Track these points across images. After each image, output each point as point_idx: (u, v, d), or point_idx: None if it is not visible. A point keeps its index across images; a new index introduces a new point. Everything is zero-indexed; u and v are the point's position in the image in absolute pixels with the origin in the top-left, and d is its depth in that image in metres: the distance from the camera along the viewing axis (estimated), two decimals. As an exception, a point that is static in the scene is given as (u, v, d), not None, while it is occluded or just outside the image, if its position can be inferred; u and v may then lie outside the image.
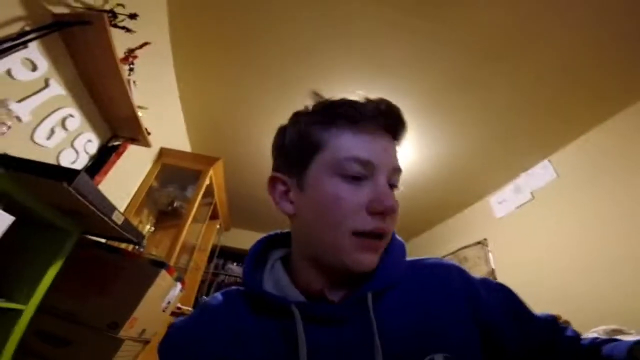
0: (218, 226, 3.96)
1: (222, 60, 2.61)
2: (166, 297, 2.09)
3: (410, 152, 3.35)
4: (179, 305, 3.03)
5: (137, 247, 2.26)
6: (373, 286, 0.44)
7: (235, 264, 5.87)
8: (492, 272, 3.76)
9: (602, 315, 2.36)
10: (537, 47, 2.22)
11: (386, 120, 0.46)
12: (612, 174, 2.79)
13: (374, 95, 0.47)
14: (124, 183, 2.38)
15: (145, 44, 1.95)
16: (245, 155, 3.62)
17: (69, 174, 1.00)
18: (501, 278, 3.66)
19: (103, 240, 1.73)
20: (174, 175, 2.91)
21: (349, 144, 0.44)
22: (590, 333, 2.07)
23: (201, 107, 3.08)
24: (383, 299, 0.44)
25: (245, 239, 5.49)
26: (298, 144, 0.49)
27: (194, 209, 2.79)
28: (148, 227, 2.92)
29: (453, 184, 3.81)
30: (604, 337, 0.48)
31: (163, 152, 2.78)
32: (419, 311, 0.44)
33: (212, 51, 2.55)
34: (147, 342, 1.79)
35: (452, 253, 4.40)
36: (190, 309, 3.29)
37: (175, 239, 2.60)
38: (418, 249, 4.87)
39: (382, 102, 0.46)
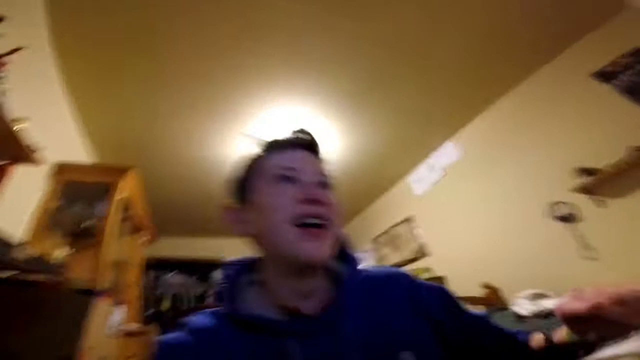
0: (144, 238, 3.71)
1: (120, 59, 2.35)
2: (109, 323, 1.98)
3: (336, 143, 3.47)
4: (132, 326, 2.82)
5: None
6: (349, 294, 0.52)
7: (170, 274, 5.56)
8: (422, 246, 4.06)
9: (524, 279, 2.67)
10: (439, 40, 2.45)
11: (303, 142, 0.58)
12: (505, 148, 3.17)
13: (296, 127, 0.61)
14: (20, 210, 2.10)
15: (17, 49, 1.71)
16: (160, 161, 3.42)
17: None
18: (432, 251, 3.97)
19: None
20: (80, 191, 2.61)
21: (277, 160, 0.55)
22: (518, 299, 2.35)
23: (101, 114, 2.80)
24: (348, 311, 0.51)
25: (176, 247, 5.25)
26: (244, 174, 0.59)
27: (109, 226, 2.56)
28: (61, 252, 2.61)
29: (376, 168, 4.03)
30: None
31: (61, 168, 2.48)
32: (380, 316, 0.52)
33: (104, 50, 2.28)
34: None
35: (385, 232, 4.66)
36: (146, 327, 3.14)
37: (96, 260, 2.38)
38: (354, 233, 5.09)
39: (302, 130, 0.60)
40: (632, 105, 2.25)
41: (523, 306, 2.23)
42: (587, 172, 2.45)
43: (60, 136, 2.55)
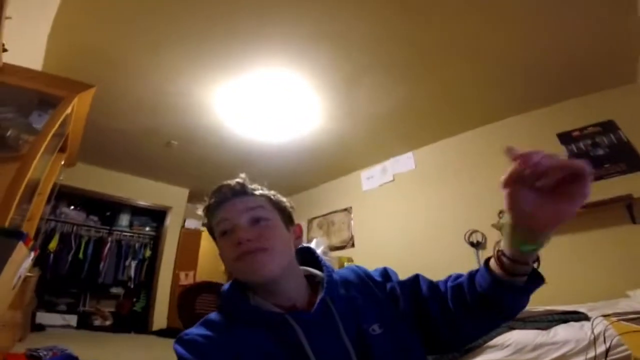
0: (63, 162, 3.05)
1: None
2: (18, 272, 1.56)
3: (314, 117, 3.40)
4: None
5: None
6: (327, 293, 0.64)
7: (72, 207, 4.70)
8: (352, 237, 4.38)
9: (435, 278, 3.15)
10: (449, 58, 2.63)
11: (228, 193, 0.69)
12: (454, 173, 3.64)
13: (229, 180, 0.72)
14: None
15: None
16: (117, 85, 2.90)
17: None
18: (357, 241, 4.31)
19: None
20: (12, 97, 2.08)
21: (216, 218, 0.68)
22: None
23: (76, 25, 2.25)
24: (335, 298, 0.64)
25: (91, 178, 4.41)
26: (210, 234, 0.72)
27: (46, 142, 2.07)
28: None
29: (339, 153, 4.11)
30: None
31: (4, 69, 1.88)
32: (354, 302, 0.65)
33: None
34: None
35: (323, 216, 4.83)
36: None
37: (15, 182, 1.86)
38: (296, 206, 5.09)
39: (219, 188, 0.70)
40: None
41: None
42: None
43: (24, 38, 1.98)
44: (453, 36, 2.39)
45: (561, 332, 1.56)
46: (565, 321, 1.67)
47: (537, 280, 0.53)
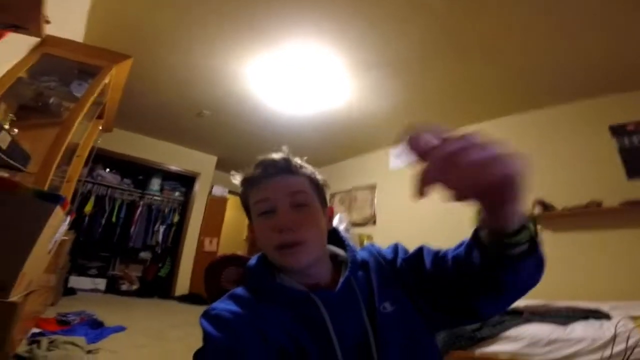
0: (100, 127, 3.20)
1: None
2: (54, 237, 1.67)
3: (345, 97, 3.37)
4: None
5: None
6: (351, 273, 0.65)
7: (108, 170, 4.95)
8: (374, 214, 4.40)
9: None
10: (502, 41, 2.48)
11: (271, 169, 0.67)
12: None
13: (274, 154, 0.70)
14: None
15: None
16: (154, 55, 2.95)
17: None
18: (379, 219, 4.33)
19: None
20: (55, 67, 2.19)
21: (253, 195, 0.67)
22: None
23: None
24: (357, 278, 0.66)
25: (127, 143, 4.63)
26: (244, 206, 0.71)
27: (85, 109, 2.18)
28: (7, 126, 2.13)
29: (368, 128, 4.05)
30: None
31: (48, 41, 1.96)
32: (371, 282, 0.66)
33: None
34: (29, 293, 1.44)
35: (346, 191, 4.85)
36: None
37: (55, 145, 1.98)
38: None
39: (264, 162, 0.68)
40: (613, 169, 2.63)
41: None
42: (544, 205, 2.88)
43: (65, 10, 2.03)
44: (506, 22, 2.25)
45: (579, 329, 1.55)
46: (586, 318, 1.65)
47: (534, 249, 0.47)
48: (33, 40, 1.90)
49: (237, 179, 0.72)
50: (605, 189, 2.64)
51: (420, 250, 0.68)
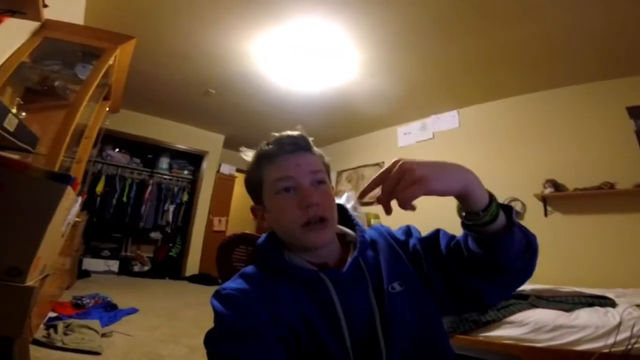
0: (107, 108, 3.20)
1: None
2: (67, 219, 1.69)
3: (352, 74, 3.28)
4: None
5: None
6: (360, 253, 0.66)
7: (117, 150, 4.98)
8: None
9: None
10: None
11: (290, 146, 0.66)
12: (499, 138, 3.42)
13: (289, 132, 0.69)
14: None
15: None
16: (157, 33, 2.87)
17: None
18: (387, 197, 4.33)
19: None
20: (58, 51, 2.18)
21: (274, 173, 0.65)
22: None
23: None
24: (365, 258, 0.66)
25: (134, 123, 4.64)
26: (253, 185, 0.70)
27: (90, 91, 2.17)
28: (14, 110, 2.14)
29: (373, 107, 3.97)
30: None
31: (48, 25, 1.93)
32: (379, 262, 0.67)
33: None
34: (45, 277, 1.45)
35: (353, 169, 4.83)
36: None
37: (63, 127, 2.00)
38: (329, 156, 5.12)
39: (284, 138, 0.67)
40: (629, 151, 2.56)
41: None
42: (556, 186, 2.83)
43: None
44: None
45: (584, 315, 1.56)
46: (591, 305, 1.66)
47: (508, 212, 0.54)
48: (33, 25, 1.88)
49: (248, 155, 0.71)
50: (619, 171, 2.58)
51: (437, 232, 0.70)
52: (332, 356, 0.55)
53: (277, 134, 0.68)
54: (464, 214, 0.55)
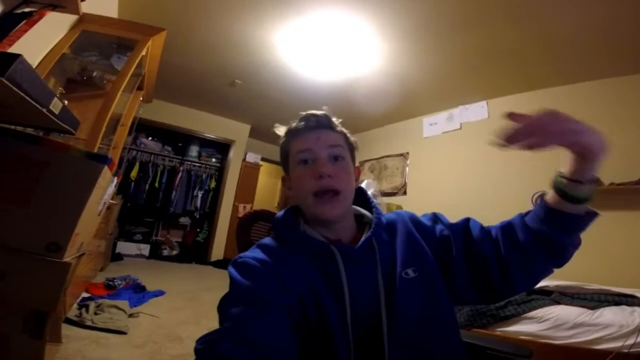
0: (141, 98, 3.36)
1: None
2: (103, 199, 1.80)
3: (377, 63, 3.24)
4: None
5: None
6: (374, 234, 0.68)
7: (150, 138, 5.22)
8: (404, 184, 4.34)
9: None
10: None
11: (314, 123, 0.72)
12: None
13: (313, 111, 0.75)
14: (28, 51, 1.73)
15: None
16: (186, 26, 2.95)
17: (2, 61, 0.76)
18: (410, 189, 4.28)
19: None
20: (95, 43, 2.33)
21: (297, 145, 0.71)
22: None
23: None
24: (379, 240, 0.68)
25: (166, 112, 4.85)
26: (282, 157, 0.76)
27: (122, 81, 2.30)
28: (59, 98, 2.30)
29: (398, 97, 3.90)
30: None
31: (85, 18, 2.06)
32: (394, 246, 0.69)
33: None
34: (82, 255, 1.51)
35: (376, 159, 4.80)
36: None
37: (101, 115, 2.14)
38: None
39: (308, 115, 0.73)
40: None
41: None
42: None
43: None
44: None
45: (607, 314, 1.51)
46: (618, 304, 1.60)
47: (591, 215, 0.58)
48: (72, 19, 2.00)
49: (280, 131, 0.77)
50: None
51: (467, 221, 0.73)
52: (331, 328, 0.58)
53: (304, 113, 0.75)
54: (564, 183, 0.57)
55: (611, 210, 2.61)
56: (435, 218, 0.76)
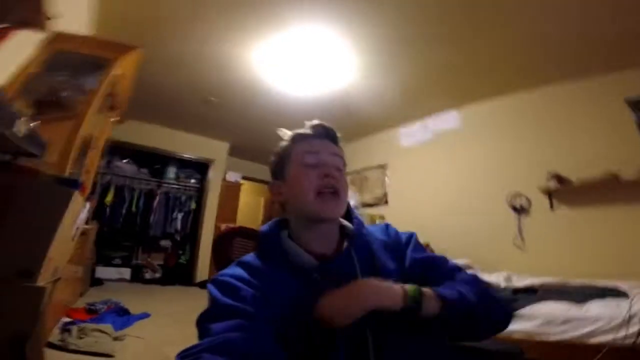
0: (114, 119, 3.26)
1: None
2: (76, 223, 1.72)
3: (351, 76, 3.31)
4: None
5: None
6: (354, 246, 0.70)
7: (125, 160, 5.05)
8: (385, 194, 4.38)
9: (458, 249, 3.09)
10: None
11: (322, 132, 0.76)
12: (500, 135, 3.41)
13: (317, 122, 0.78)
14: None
15: None
16: (161, 43, 2.94)
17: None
18: (391, 200, 4.33)
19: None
20: (66, 62, 2.22)
21: (302, 147, 0.73)
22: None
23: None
24: (357, 250, 0.70)
25: (141, 133, 4.70)
26: (281, 157, 0.76)
27: (95, 101, 2.23)
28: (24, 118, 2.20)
29: (374, 109, 3.98)
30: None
31: (55, 36, 2.00)
32: (373, 259, 0.70)
33: None
34: (57, 280, 1.48)
35: (356, 171, 4.82)
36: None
37: (70, 137, 2.05)
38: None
39: (319, 125, 0.77)
40: (632, 140, 2.52)
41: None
42: (559, 179, 2.80)
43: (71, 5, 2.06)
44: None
45: (595, 308, 1.54)
46: (602, 297, 1.63)
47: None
48: (41, 37, 1.94)
49: (285, 134, 0.80)
50: (621, 161, 2.53)
51: (432, 261, 0.74)
52: (316, 342, 0.58)
53: (314, 122, 0.78)
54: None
55: (584, 206, 2.71)
56: (410, 238, 0.78)
